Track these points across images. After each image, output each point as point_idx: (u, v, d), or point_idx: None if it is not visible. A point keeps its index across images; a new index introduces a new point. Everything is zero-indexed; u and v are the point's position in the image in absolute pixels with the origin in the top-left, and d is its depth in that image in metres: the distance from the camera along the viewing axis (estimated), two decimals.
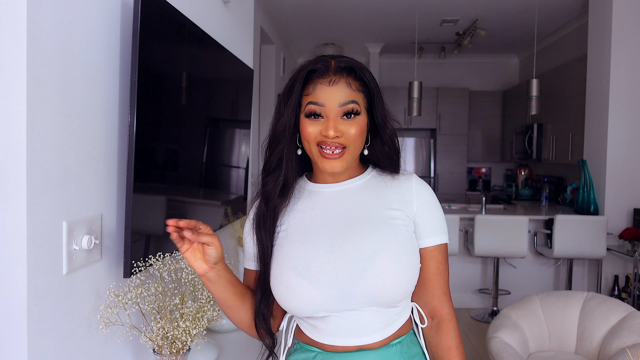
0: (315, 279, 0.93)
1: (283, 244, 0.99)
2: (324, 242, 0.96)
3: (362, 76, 0.97)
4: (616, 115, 3.83)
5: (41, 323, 0.93)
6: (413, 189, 1.01)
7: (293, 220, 1.01)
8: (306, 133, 0.96)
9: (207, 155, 1.73)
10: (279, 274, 0.96)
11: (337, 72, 0.95)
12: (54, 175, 0.95)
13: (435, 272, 1.02)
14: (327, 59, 0.96)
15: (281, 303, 0.98)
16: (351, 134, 0.94)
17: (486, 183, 6.83)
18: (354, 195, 1.02)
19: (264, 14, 4.72)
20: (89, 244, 1.05)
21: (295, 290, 0.94)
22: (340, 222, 0.98)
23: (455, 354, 1.02)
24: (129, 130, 1.13)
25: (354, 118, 0.95)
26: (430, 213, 1.01)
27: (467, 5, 4.59)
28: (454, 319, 1.04)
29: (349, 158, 0.96)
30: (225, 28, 2.07)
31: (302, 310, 0.96)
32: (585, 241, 3.75)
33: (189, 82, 1.52)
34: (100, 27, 1.10)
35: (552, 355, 2.36)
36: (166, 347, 1.12)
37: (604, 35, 3.92)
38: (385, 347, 0.98)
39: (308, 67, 0.96)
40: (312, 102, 0.94)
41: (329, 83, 0.94)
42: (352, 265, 0.93)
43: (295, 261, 0.95)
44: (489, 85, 6.73)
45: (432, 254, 1.01)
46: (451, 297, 1.06)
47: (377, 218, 0.98)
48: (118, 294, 1.08)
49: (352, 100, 0.95)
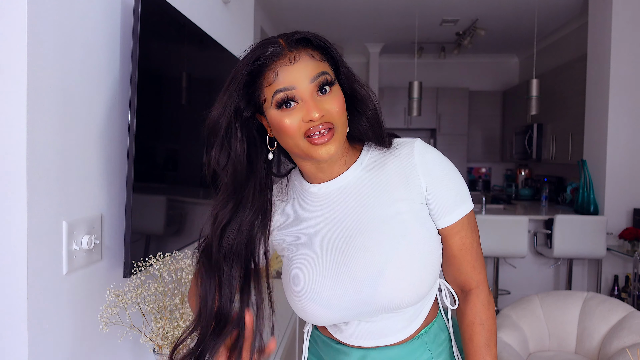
0: (327, 304, 0.89)
1: (288, 266, 0.94)
2: (328, 261, 0.90)
3: (319, 44, 0.84)
4: (616, 115, 3.83)
5: (41, 323, 0.93)
6: (417, 167, 0.89)
7: (291, 232, 0.94)
8: (286, 127, 0.82)
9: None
10: (292, 300, 0.93)
11: (293, 47, 0.82)
12: (54, 175, 0.95)
13: (460, 248, 0.93)
14: (274, 39, 0.84)
15: (302, 318, 0.95)
16: (335, 110, 0.82)
17: (486, 183, 6.83)
18: (353, 194, 0.91)
19: (264, 14, 4.72)
20: (89, 244, 1.05)
21: (310, 313, 0.91)
22: (343, 233, 0.90)
23: (478, 330, 0.92)
24: (129, 130, 1.13)
25: (331, 91, 0.83)
26: (443, 189, 0.90)
27: (467, 5, 4.59)
28: (482, 293, 0.94)
29: (339, 137, 0.84)
30: (225, 28, 2.07)
31: (325, 324, 0.95)
32: (585, 241, 3.75)
33: (189, 82, 1.52)
34: (100, 27, 1.10)
35: (552, 355, 2.36)
36: (166, 347, 1.12)
37: (604, 35, 3.92)
38: (410, 341, 0.93)
39: (255, 55, 0.82)
40: (279, 90, 0.81)
41: (289, 61, 0.81)
42: (361, 287, 0.87)
43: (303, 287, 0.90)
44: (488, 85, 6.73)
45: (454, 230, 0.92)
46: (484, 266, 0.96)
47: (381, 221, 0.89)
48: (118, 294, 1.08)
49: (322, 72, 0.82)
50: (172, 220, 1.45)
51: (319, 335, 1.03)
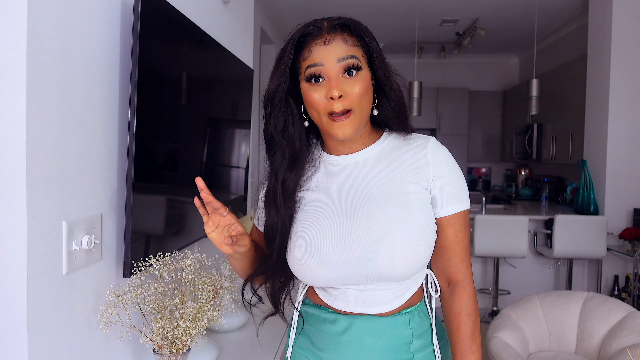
0: (325, 260, 0.95)
1: (298, 222, 1.00)
2: (335, 221, 0.96)
3: (357, 31, 0.95)
4: (616, 115, 3.83)
5: (41, 323, 0.93)
6: (429, 158, 0.98)
7: (309, 194, 1.01)
8: (312, 100, 0.93)
9: (207, 155, 1.73)
10: (292, 252, 0.99)
11: (331, 30, 0.93)
12: (54, 175, 0.95)
13: (452, 240, 1.00)
14: (319, 21, 0.95)
15: (296, 275, 1.01)
16: (355, 92, 0.92)
17: (486, 183, 6.83)
18: (367, 168, 0.99)
19: (264, 14, 4.73)
20: (89, 244, 1.05)
21: (307, 268, 0.97)
22: (352, 199, 0.97)
23: (465, 321, 0.99)
24: (129, 130, 1.13)
25: (356, 75, 0.92)
26: (447, 182, 0.98)
27: (467, 5, 4.59)
28: (469, 286, 1.01)
29: (356, 120, 0.93)
30: (225, 28, 2.07)
31: (315, 284, 0.99)
32: (585, 241, 3.75)
33: (189, 82, 1.52)
34: (100, 27, 1.10)
35: (552, 355, 2.36)
36: (166, 347, 1.12)
37: (604, 35, 3.92)
38: (394, 315, 0.99)
39: (299, 33, 0.94)
40: (310, 65, 0.92)
41: (324, 42, 0.92)
42: (361, 248, 0.93)
43: (306, 241, 0.97)
44: (489, 85, 6.73)
45: (449, 222, 0.99)
46: (471, 263, 1.04)
47: (389, 195, 0.96)
48: (118, 294, 1.08)
49: (351, 55, 0.92)
50: (172, 220, 1.45)
51: (310, 306, 1.07)
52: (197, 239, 1.62)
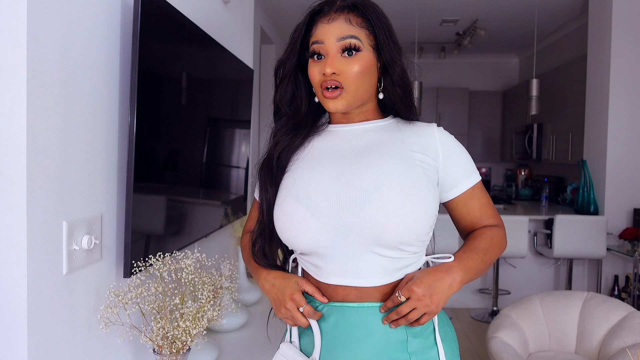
0: (314, 207, 0.92)
1: (290, 172, 1.00)
2: (330, 171, 0.95)
3: (364, 13, 0.95)
4: (616, 115, 3.83)
5: (41, 323, 0.93)
6: (436, 137, 0.98)
7: (303, 154, 1.01)
8: (310, 74, 0.96)
9: (207, 155, 1.73)
10: (280, 205, 0.97)
11: (338, 10, 0.95)
12: (54, 175, 0.95)
13: (479, 207, 1.01)
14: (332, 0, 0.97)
15: (281, 234, 0.97)
16: (351, 72, 0.92)
17: (486, 183, 6.83)
18: (371, 134, 1.00)
19: (264, 14, 4.73)
20: (89, 244, 1.05)
21: (293, 217, 0.93)
22: (352, 153, 0.97)
23: (486, 238, 0.98)
24: (129, 130, 1.13)
25: (355, 55, 0.93)
26: (459, 160, 0.98)
27: (467, 5, 4.59)
28: (502, 229, 1.03)
29: (348, 98, 0.94)
30: (225, 28, 2.07)
31: (301, 242, 0.94)
32: (585, 241, 3.75)
33: (189, 82, 1.52)
34: (100, 27, 1.10)
35: (552, 355, 2.36)
36: (166, 347, 1.12)
37: (604, 35, 3.92)
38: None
39: (312, 10, 0.97)
40: (314, 42, 0.95)
41: (328, 21, 0.94)
42: (354, 195, 0.90)
43: (296, 189, 0.95)
44: (489, 85, 6.73)
45: (472, 195, 1.00)
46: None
47: (392, 152, 0.95)
48: (118, 293, 1.08)
49: (351, 35, 0.93)
50: (172, 220, 1.45)
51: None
52: (197, 239, 1.62)
